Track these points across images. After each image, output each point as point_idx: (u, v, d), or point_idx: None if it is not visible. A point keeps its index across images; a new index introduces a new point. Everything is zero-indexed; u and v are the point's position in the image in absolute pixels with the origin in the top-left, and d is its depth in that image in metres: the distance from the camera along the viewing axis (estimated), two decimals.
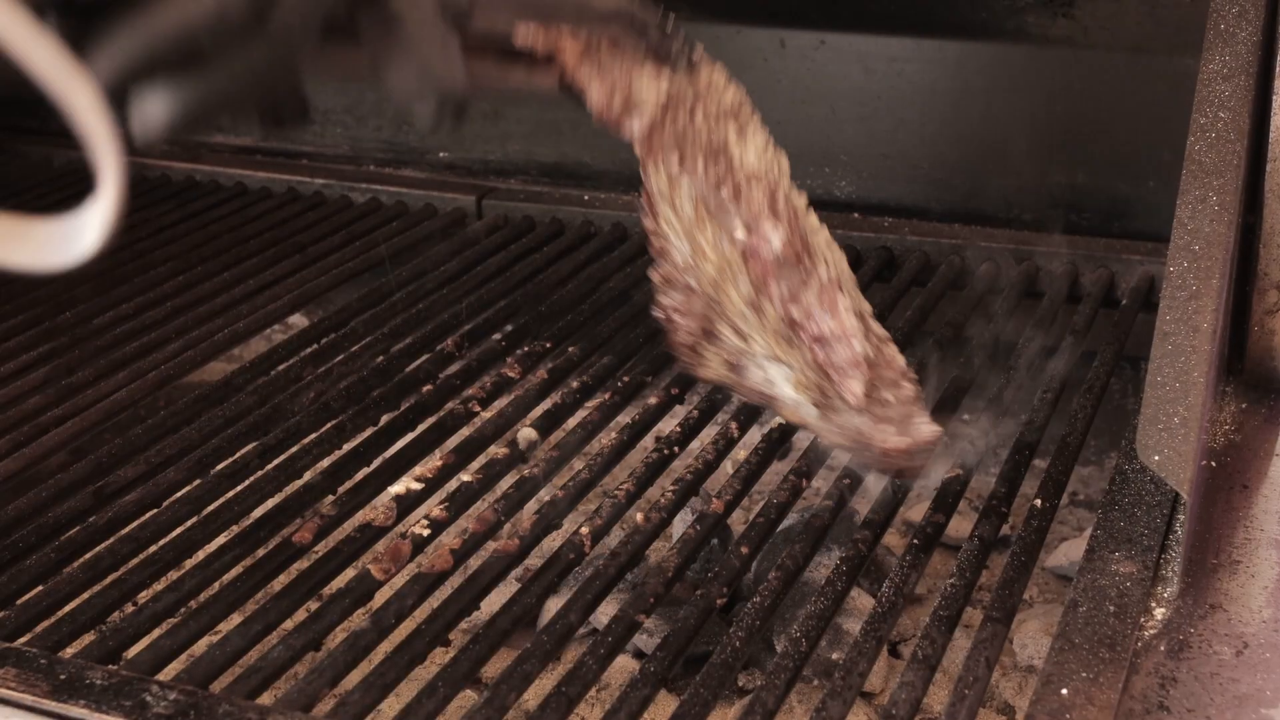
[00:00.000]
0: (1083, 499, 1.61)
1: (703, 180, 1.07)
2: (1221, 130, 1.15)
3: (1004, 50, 1.64)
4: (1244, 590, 1.02)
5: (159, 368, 1.40)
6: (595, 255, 1.67)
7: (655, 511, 1.12)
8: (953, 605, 0.98)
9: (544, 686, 1.12)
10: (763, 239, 1.06)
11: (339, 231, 1.78)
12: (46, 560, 1.08)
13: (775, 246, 1.06)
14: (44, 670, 0.92)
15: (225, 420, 1.28)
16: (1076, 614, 0.95)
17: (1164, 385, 1.04)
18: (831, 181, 1.77)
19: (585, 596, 1.02)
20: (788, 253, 1.06)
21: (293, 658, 0.96)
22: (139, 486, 1.18)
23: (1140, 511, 1.06)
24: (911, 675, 0.91)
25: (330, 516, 1.13)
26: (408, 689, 0.97)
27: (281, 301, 1.58)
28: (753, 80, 1.79)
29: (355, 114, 2.04)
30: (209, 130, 2.02)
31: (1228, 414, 1.27)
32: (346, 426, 1.27)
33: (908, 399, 1.09)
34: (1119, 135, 1.62)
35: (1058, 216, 1.67)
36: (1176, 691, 0.91)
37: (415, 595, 1.02)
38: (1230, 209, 1.13)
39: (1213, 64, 1.18)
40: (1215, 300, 1.07)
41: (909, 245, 1.64)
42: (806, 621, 0.97)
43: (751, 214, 1.06)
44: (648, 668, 0.93)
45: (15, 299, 1.58)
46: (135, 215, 1.87)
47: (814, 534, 1.09)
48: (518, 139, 1.94)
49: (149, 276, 1.64)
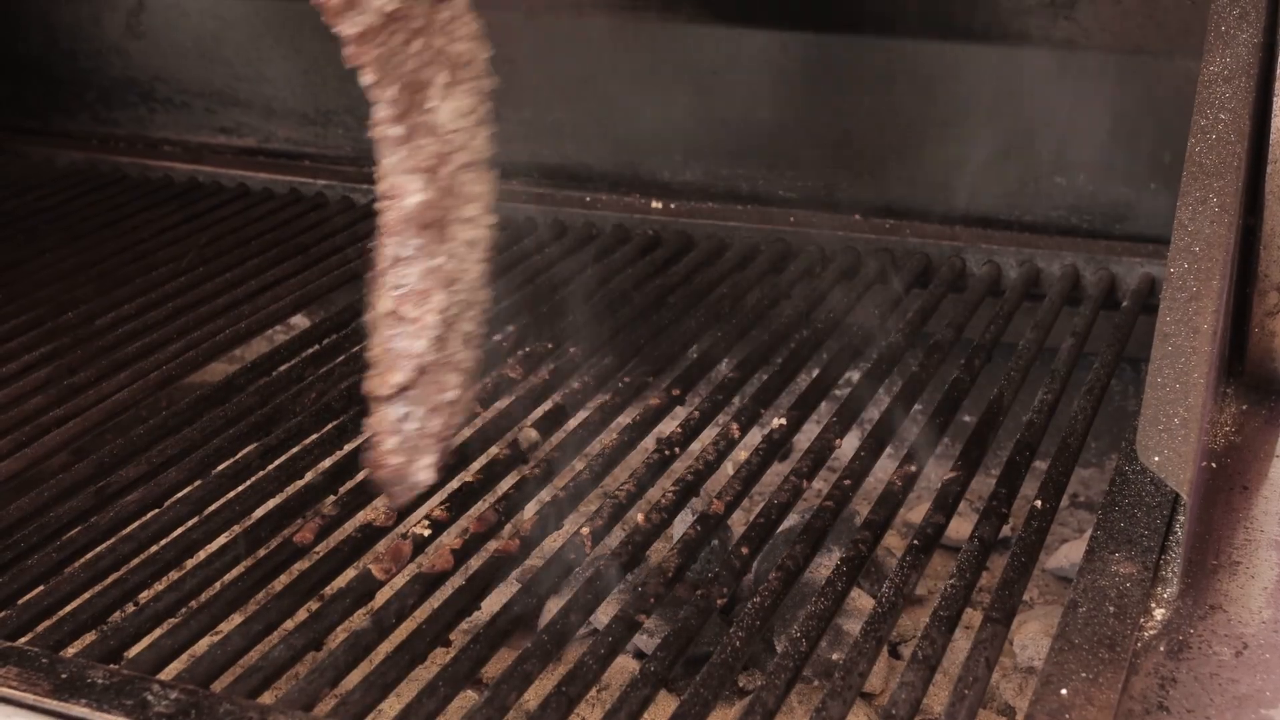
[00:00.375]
0: (1083, 500, 1.61)
1: (385, 106, 1.00)
2: (1222, 132, 1.15)
3: (1006, 52, 1.64)
4: (1244, 591, 1.02)
5: (161, 368, 1.40)
6: (597, 257, 1.67)
7: (656, 512, 1.12)
8: (953, 606, 0.99)
9: (544, 686, 1.12)
10: (402, 191, 1.01)
11: (341, 232, 1.79)
12: (48, 560, 1.08)
13: (407, 206, 1.00)
14: (45, 669, 0.92)
15: (226, 420, 1.28)
16: (1076, 614, 0.95)
17: (1164, 386, 1.04)
18: (833, 184, 1.78)
19: (586, 597, 1.02)
20: (419, 219, 1.00)
21: (294, 657, 0.96)
22: (140, 486, 1.18)
23: (1140, 512, 1.06)
24: (911, 676, 0.91)
25: (331, 516, 1.13)
26: (408, 689, 0.97)
27: (283, 302, 1.58)
28: (754, 82, 1.81)
29: (357, 115, 2.04)
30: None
31: (1228, 415, 1.27)
32: (348, 427, 1.27)
33: (434, 433, 1.03)
34: (1120, 137, 1.62)
35: (1059, 218, 1.67)
36: (1176, 692, 0.91)
37: (416, 595, 1.03)
38: (1231, 211, 1.13)
39: (1213, 66, 1.18)
40: (1215, 302, 1.08)
41: (910, 247, 1.64)
42: (807, 622, 0.97)
43: (410, 164, 1.00)
44: (648, 668, 0.93)
45: (17, 299, 1.58)
46: (138, 216, 1.87)
47: (814, 535, 1.09)
48: (520, 140, 1.94)
49: (151, 277, 1.64)
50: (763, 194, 1.81)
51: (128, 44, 2.16)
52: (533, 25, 1.86)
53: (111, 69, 2.19)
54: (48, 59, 2.22)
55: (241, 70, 2.09)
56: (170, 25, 2.12)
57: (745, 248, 1.68)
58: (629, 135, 1.86)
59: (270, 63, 2.07)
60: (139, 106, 2.19)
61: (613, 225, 1.76)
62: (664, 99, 1.82)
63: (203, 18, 2.08)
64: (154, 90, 2.17)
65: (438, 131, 1.00)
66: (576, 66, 1.85)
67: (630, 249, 1.68)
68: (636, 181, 1.86)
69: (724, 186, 1.83)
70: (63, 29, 2.20)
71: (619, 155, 1.88)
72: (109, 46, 2.17)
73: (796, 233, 1.69)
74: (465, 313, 1.04)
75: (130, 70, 2.18)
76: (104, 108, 2.22)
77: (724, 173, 1.83)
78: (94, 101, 2.22)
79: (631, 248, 1.69)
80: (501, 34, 1.87)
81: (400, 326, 1.01)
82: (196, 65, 2.12)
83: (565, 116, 1.90)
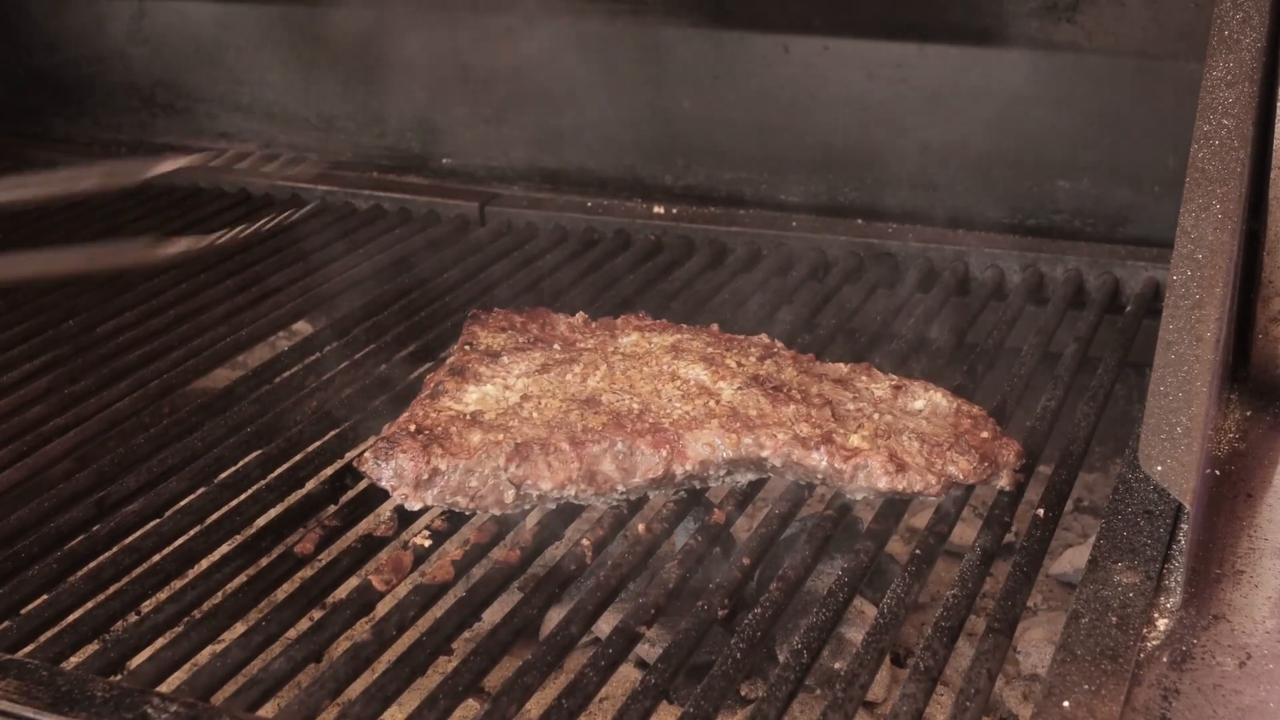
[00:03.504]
0: (1088, 505, 1.61)
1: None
2: (1225, 137, 1.15)
3: (1008, 56, 1.64)
4: (1247, 600, 1.02)
5: (162, 376, 1.40)
6: (598, 262, 1.67)
7: (657, 522, 1.12)
8: (955, 616, 0.98)
9: (545, 698, 1.11)
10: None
11: (342, 239, 1.78)
12: (49, 570, 1.08)
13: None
14: (46, 682, 0.92)
15: (228, 429, 1.28)
16: (1079, 625, 0.94)
17: (1166, 395, 1.04)
18: (836, 187, 1.77)
19: (587, 607, 1.02)
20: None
21: (294, 669, 0.96)
22: (141, 496, 1.18)
23: (1143, 521, 1.05)
24: (913, 687, 0.91)
25: (332, 527, 1.13)
26: (409, 700, 0.97)
27: (285, 309, 1.58)
28: (756, 86, 1.81)
29: (358, 121, 2.04)
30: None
31: (1232, 422, 1.26)
32: (349, 436, 1.27)
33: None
34: (1123, 140, 1.62)
35: (1062, 222, 1.67)
36: (1179, 703, 0.91)
37: (417, 606, 1.02)
38: (1234, 216, 1.12)
39: (1216, 70, 1.17)
40: (1219, 309, 1.07)
41: (913, 251, 1.63)
42: (809, 632, 0.97)
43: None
44: (649, 679, 0.93)
45: (19, 307, 1.58)
46: (140, 222, 1.87)
47: (816, 543, 1.09)
48: (520, 145, 1.93)
49: (152, 284, 1.64)
50: (765, 198, 1.81)
51: (129, 50, 2.16)
52: (536, 29, 1.85)
53: (113, 74, 2.19)
54: (50, 65, 2.22)
55: (243, 76, 2.09)
56: (172, 31, 2.12)
57: (747, 252, 1.68)
58: (630, 140, 1.86)
59: (271, 68, 2.07)
60: (141, 112, 2.19)
61: (614, 230, 1.76)
62: (664, 103, 1.82)
63: (204, 23, 2.08)
64: (155, 96, 2.17)
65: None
66: (578, 71, 1.85)
67: (632, 254, 1.68)
68: (637, 186, 1.86)
69: (726, 191, 1.82)
70: (65, 35, 2.20)
71: (620, 160, 1.87)
72: (111, 52, 2.17)
73: (799, 237, 1.68)
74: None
75: (132, 76, 2.18)
76: (106, 113, 2.22)
77: (726, 177, 1.82)
78: (96, 107, 2.22)
79: (633, 252, 1.68)
80: (504, 38, 1.88)
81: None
82: (198, 71, 2.12)
83: (566, 121, 1.90)
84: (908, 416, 1.16)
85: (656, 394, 1.17)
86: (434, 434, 1.12)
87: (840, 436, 1.11)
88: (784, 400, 1.15)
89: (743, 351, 1.24)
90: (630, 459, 1.11)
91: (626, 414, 1.14)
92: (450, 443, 1.11)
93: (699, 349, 1.24)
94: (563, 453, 1.11)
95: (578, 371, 1.20)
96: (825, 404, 1.16)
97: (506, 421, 1.14)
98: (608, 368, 1.21)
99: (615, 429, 1.12)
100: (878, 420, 1.14)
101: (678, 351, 1.23)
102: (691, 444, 1.12)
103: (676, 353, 1.23)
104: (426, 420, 1.14)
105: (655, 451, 1.11)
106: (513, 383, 1.19)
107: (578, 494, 1.11)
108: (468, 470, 1.09)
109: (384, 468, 1.11)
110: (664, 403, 1.16)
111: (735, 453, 1.11)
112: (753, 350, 1.24)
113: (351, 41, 1.99)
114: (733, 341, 1.27)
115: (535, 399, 1.17)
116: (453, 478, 1.09)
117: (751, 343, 1.27)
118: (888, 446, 1.10)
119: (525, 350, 1.25)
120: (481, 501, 1.10)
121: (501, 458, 1.10)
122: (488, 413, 1.15)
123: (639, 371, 1.20)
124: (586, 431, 1.12)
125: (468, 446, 1.11)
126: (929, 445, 1.11)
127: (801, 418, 1.13)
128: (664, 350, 1.24)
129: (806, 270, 1.61)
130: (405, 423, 1.14)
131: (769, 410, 1.14)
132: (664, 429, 1.12)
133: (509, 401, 1.17)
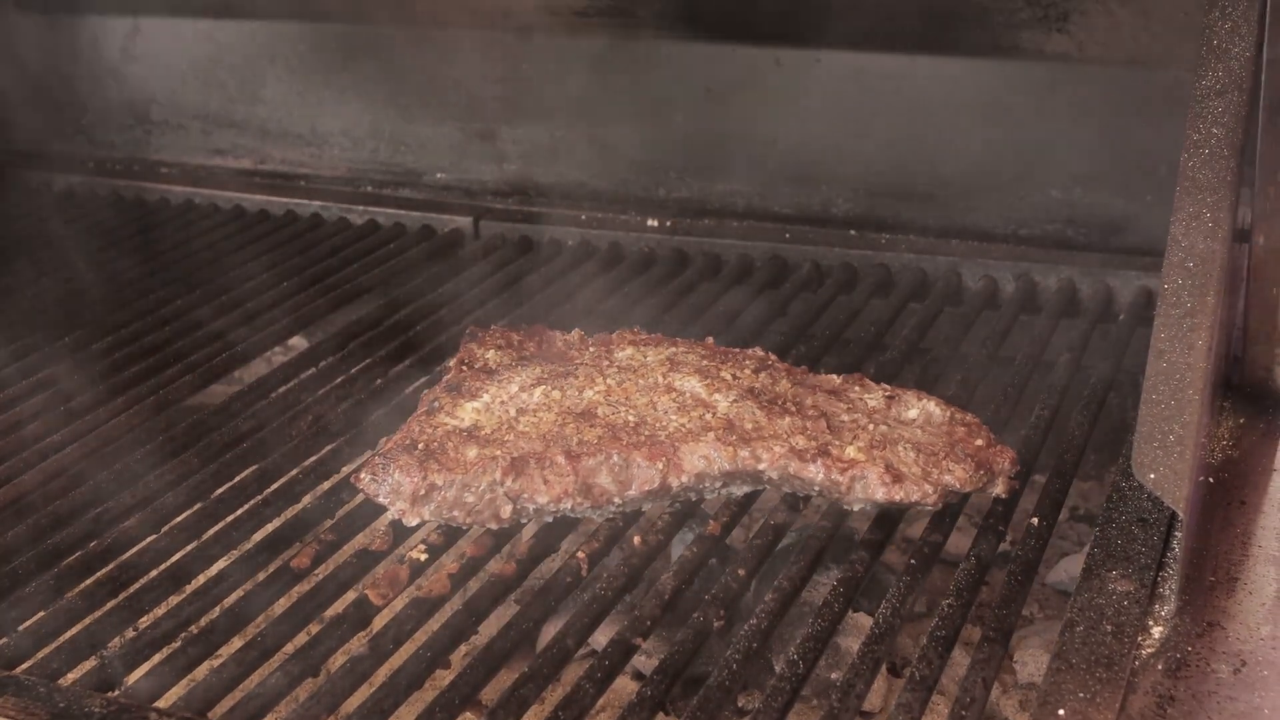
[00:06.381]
0: (1083, 513, 1.61)
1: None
2: (1215, 146, 1.15)
3: (1000, 66, 1.64)
4: (1242, 608, 1.02)
5: (158, 392, 1.40)
6: (592, 276, 1.67)
7: (653, 533, 1.12)
8: (950, 625, 0.98)
9: (542, 710, 1.11)
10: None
11: (337, 254, 1.79)
12: (46, 587, 1.08)
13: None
14: (43, 698, 0.92)
15: (224, 444, 1.28)
16: (1074, 634, 0.95)
17: (1159, 403, 1.04)
18: (829, 199, 1.78)
19: (583, 619, 1.02)
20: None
21: (291, 683, 0.96)
22: (138, 512, 1.18)
23: (1137, 529, 1.06)
24: (909, 696, 0.91)
25: (328, 541, 1.13)
26: (406, 714, 0.97)
27: (280, 325, 1.58)
28: (748, 98, 1.81)
29: (352, 136, 2.05)
30: None
31: (1225, 429, 1.27)
32: (344, 451, 1.27)
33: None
34: (1115, 150, 1.62)
35: (1055, 231, 1.67)
36: (1174, 711, 0.91)
37: (413, 620, 1.02)
38: (1225, 225, 1.13)
39: (1206, 80, 1.18)
40: (1210, 317, 1.07)
41: (906, 262, 1.64)
42: (805, 642, 0.97)
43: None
44: (646, 690, 0.93)
45: (15, 324, 1.58)
46: (135, 239, 1.87)
47: (812, 554, 1.09)
48: (514, 160, 1.94)
49: (148, 300, 1.64)
50: (758, 210, 1.81)
51: (124, 67, 2.16)
52: (528, 45, 1.86)
53: (107, 92, 2.19)
54: (44, 83, 2.23)
55: (237, 92, 2.10)
56: (166, 48, 2.12)
57: (741, 264, 1.68)
58: (622, 153, 1.87)
59: (265, 85, 2.08)
60: (135, 129, 2.19)
61: (608, 243, 1.76)
62: (657, 116, 1.83)
63: (198, 41, 2.09)
64: (150, 113, 2.18)
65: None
66: (570, 85, 1.85)
67: (625, 268, 1.69)
68: (632, 201, 1.87)
69: (719, 203, 1.83)
70: (59, 53, 2.20)
71: (614, 174, 1.88)
72: (105, 70, 2.18)
73: (792, 249, 1.69)
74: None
75: (126, 93, 2.18)
76: (100, 131, 2.22)
77: (719, 189, 1.83)
78: (90, 125, 2.23)
79: (626, 266, 1.69)
80: (497, 53, 1.89)
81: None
82: (192, 88, 2.12)
83: (559, 135, 1.90)
84: (902, 426, 1.17)
85: (652, 407, 1.17)
86: (430, 449, 1.12)
87: (836, 448, 1.12)
88: (779, 413, 1.16)
89: (737, 364, 1.24)
90: (626, 472, 1.11)
91: (622, 427, 1.15)
92: (446, 458, 1.11)
93: (694, 362, 1.24)
94: (559, 466, 1.11)
95: (573, 385, 1.21)
96: (820, 416, 1.16)
97: (502, 436, 1.14)
98: (603, 381, 1.21)
99: (611, 442, 1.12)
100: (873, 431, 1.14)
101: (673, 365, 1.24)
102: (687, 456, 1.12)
103: (672, 366, 1.23)
104: (423, 436, 1.14)
105: (651, 464, 1.11)
106: (508, 397, 1.20)
107: (574, 507, 1.12)
108: (464, 485, 1.10)
109: (381, 484, 1.11)
110: (660, 415, 1.16)
111: (731, 465, 1.12)
112: (747, 363, 1.25)
113: (345, 57, 2.00)
114: (727, 354, 1.27)
115: (531, 413, 1.17)
116: (449, 493, 1.10)
117: (746, 355, 1.27)
118: (884, 457, 1.11)
119: (521, 366, 1.25)
120: (478, 516, 1.11)
121: (498, 472, 1.10)
122: (484, 428, 1.16)
123: (634, 385, 1.21)
124: (582, 445, 1.12)
125: (464, 461, 1.11)
126: (925, 455, 1.11)
127: (797, 430, 1.14)
128: (659, 363, 1.24)
129: (800, 282, 1.62)
130: (401, 439, 1.15)
131: (764, 423, 1.14)
132: (660, 442, 1.13)
133: (505, 416, 1.17)
